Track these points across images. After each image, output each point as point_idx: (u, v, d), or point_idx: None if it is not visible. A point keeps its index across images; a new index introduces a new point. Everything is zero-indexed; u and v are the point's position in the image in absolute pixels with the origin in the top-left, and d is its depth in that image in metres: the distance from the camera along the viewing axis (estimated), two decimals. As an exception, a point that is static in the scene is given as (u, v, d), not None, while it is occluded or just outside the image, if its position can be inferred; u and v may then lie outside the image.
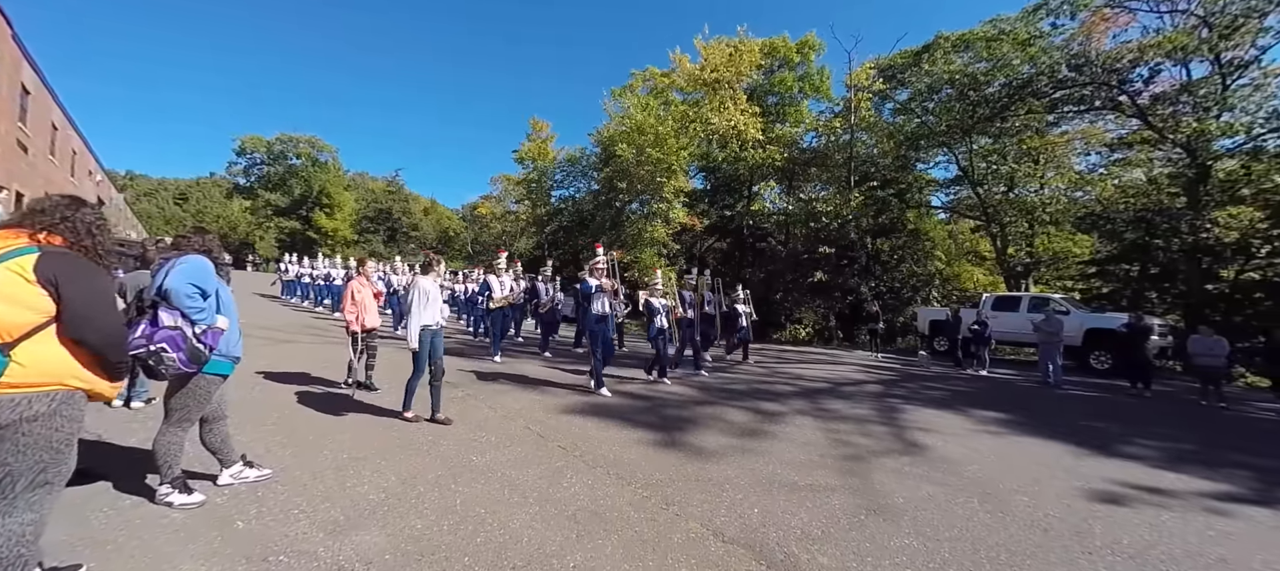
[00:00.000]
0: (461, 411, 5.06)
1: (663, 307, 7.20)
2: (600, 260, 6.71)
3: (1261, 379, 11.81)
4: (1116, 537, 3.04)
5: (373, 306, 5.60)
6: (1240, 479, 4.27)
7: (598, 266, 6.60)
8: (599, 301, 6.26)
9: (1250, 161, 15.14)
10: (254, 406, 4.73)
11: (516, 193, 36.96)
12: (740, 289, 10.69)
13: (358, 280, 5.66)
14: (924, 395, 7.75)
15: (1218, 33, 14.68)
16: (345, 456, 3.69)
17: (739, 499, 3.32)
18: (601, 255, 6.94)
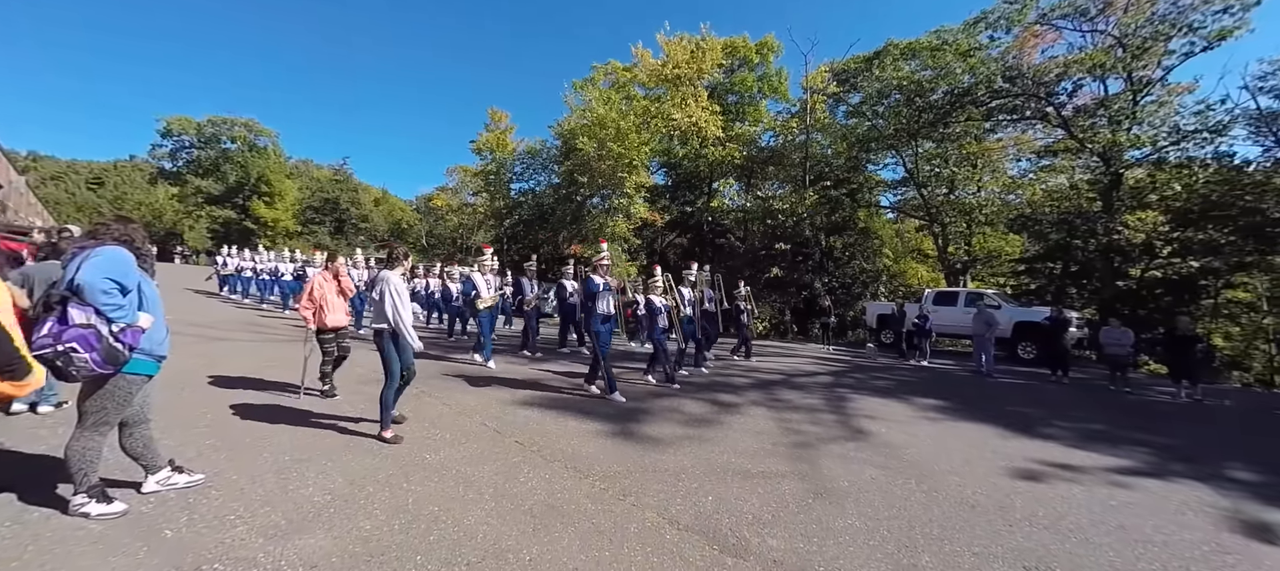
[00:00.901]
0: (415, 408, 4.92)
1: (664, 307, 6.90)
2: (605, 257, 6.28)
3: (1161, 366, 13.16)
4: (1034, 510, 3.33)
5: (338, 304, 5.14)
6: (1138, 455, 4.77)
7: (603, 263, 6.21)
8: (604, 301, 5.94)
9: (1155, 170, 16.80)
10: (183, 408, 4.42)
11: (474, 184, 35.94)
12: (742, 285, 10.71)
13: (322, 274, 5.17)
14: (871, 385, 8.17)
15: (1130, 53, 16.15)
16: (287, 459, 3.51)
17: (694, 487, 3.41)
18: (605, 252, 6.42)
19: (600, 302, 5.92)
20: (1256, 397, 10.22)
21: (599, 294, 5.93)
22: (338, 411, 4.70)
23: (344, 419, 4.48)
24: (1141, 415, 7.00)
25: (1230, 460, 4.79)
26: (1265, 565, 2.82)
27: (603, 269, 6.14)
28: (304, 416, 4.47)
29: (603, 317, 5.89)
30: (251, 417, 4.34)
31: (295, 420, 4.35)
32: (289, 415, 4.48)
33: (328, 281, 5.13)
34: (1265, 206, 14.25)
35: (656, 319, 6.68)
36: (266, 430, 4.05)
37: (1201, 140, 15.80)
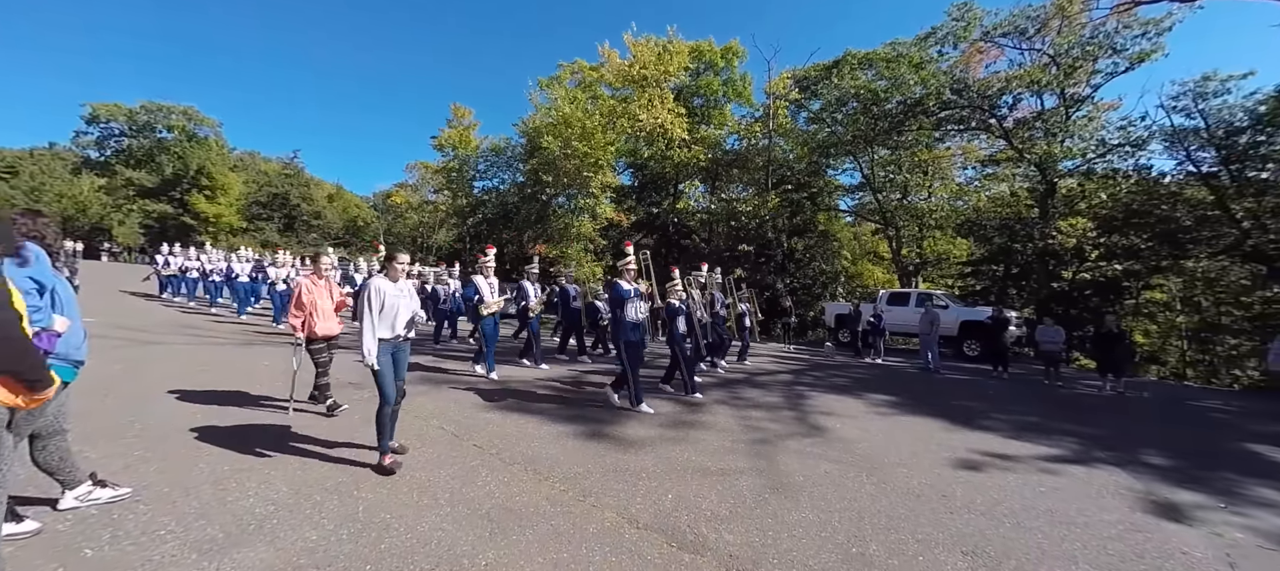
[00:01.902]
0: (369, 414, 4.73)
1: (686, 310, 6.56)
2: (631, 261, 5.92)
3: (1090, 362, 14.21)
4: (973, 498, 3.54)
5: (329, 311, 4.70)
6: (1066, 444, 5.14)
7: (629, 267, 5.83)
8: (633, 308, 5.56)
9: (1085, 180, 18.13)
10: (108, 417, 4.11)
11: (435, 181, 34.98)
12: (744, 288, 10.70)
13: (309, 279, 4.74)
14: (828, 382, 8.45)
15: (1063, 71, 17.38)
16: (226, 468, 3.32)
17: (655, 486, 3.44)
18: (631, 254, 6.09)
19: (629, 309, 5.58)
20: (1170, 389, 11.18)
21: (628, 300, 5.58)
22: (284, 418, 4.48)
23: (291, 425, 4.27)
24: (1071, 407, 7.54)
25: (1145, 447, 5.23)
26: (1172, 541, 3.09)
27: (629, 273, 5.80)
28: (246, 423, 4.24)
29: (632, 325, 5.57)
30: (187, 426, 4.07)
31: (236, 427, 4.12)
32: (229, 422, 4.23)
33: (316, 286, 4.70)
34: (1178, 215, 15.64)
35: (678, 321, 6.36)
36: (203, 438, 3.81)
37: (1124, 153, 17.21)
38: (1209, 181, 15.59)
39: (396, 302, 3.45)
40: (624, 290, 5.60)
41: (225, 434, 3.95)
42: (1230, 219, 14.64)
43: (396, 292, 3.47)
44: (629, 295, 5.60)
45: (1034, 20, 17.78)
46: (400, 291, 3.51)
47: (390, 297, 3.42)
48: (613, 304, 5.67)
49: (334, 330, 4.78)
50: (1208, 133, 15.66)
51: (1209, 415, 7.77)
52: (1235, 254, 14.92)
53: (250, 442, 3.79)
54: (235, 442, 3.77)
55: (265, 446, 3.74)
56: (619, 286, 5.66)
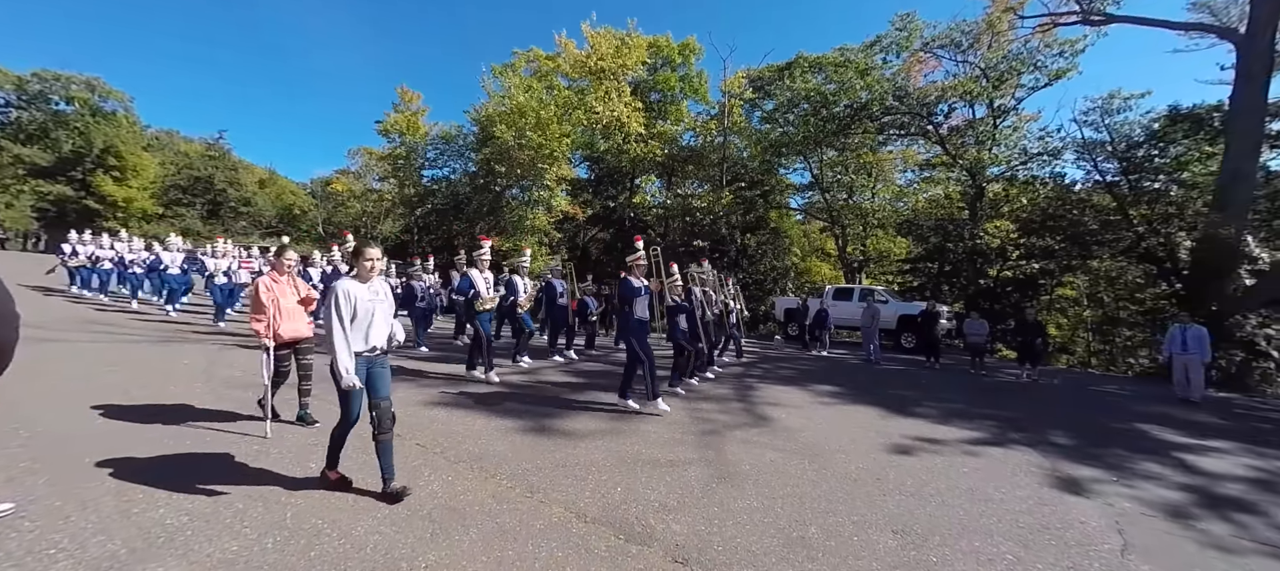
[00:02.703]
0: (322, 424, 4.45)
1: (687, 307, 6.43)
2: (641, 256, 5.77)
3: (1011, 352, 15.48)
4: (904, 481, 3.77)
5: (296, 311, 4.16)
6: (986, 428, 5.57)
7: (640, 263, 5.71)
8: (641, 304, 5.47)
9: (1008, 185, 19.68)
10: (-12, 423, 3.64)
11: (381, 169, 33.26)
12: (731, 283, 10.65)
13: (270, 274, 4.19)
14: (776, 374, 8.75)
15: (992, 83, 18.73)
16: (133, 477, 3.02)
17: (604, 479, 3.43)
18: (641, 250, 5.90)
19: (638, 306, 5.45)
20: (1077, 377, 12.38)
21: (638, 296, 5.46)
22: (205, 423, 4.13)
23: (214, 429, 3.95)
24: (992, 394, 8.19)
25: (1053, 428, 5.76)
26: (1073, 512, 3.42)
27: (640, 268, 5.72)
28: (161, 429, 3.88)
29: (640, 322, 5.45)
30: (87, 432, 3.68)
31: (148, 433, 3.76)
32: (141, 428, 3.85)
33: (278, 283, 4.12)
34: (1086, 219, 17.26)
35: (679, 318, 6.25)
36: (107, 446, 3.44)
37: (1043, 162, 18.82)
38: (1112, 189, 17.30)
39: (370, 308, 2.90)
40: (636, 286, 5.50)
41: (135, 440, 3.59)
42: (1128, 223, 16.32)
43: (369, 296, 2.91)
44: (641, 291, 5.51)
45: (968, 34, 19.03)
46: (374, 294, 2.95)
47: (362, 303, 2.85)
48: (623, 300, 5.52)
49: (303, 332, 4.16)
50: (1112, 146, 17.36)
51: (1107, 399, 8.66)
52: (1132, 255, 16.65)
53: (164, 449, 3.47)
54: (146, 450, 3.44)
55: (182, 453, 3.44)
56: (630, 283, 5.54)
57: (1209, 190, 14.94)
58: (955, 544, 2.84)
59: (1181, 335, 8.59)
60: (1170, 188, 16.82)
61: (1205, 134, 15.86)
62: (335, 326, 2.80)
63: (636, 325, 5.41)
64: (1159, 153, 16.72)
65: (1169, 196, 16.63)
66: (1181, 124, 16.17)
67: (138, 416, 4.07)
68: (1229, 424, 6.92)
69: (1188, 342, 8.46)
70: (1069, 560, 2.75)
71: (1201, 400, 8.31)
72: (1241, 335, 11.89)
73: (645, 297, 5.55)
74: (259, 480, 3.10)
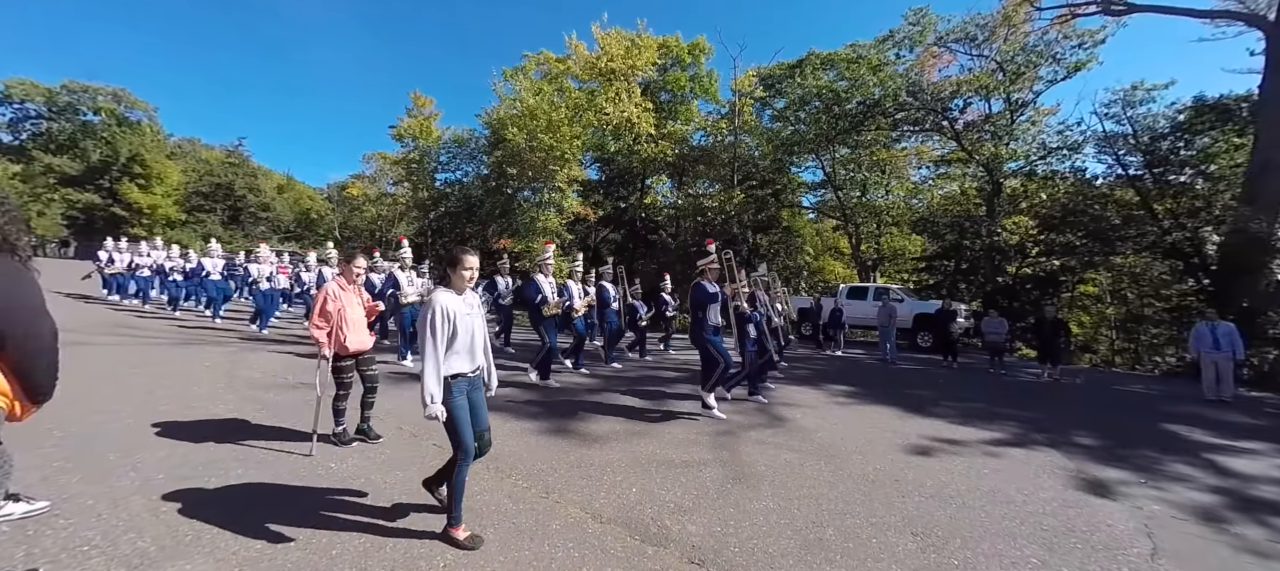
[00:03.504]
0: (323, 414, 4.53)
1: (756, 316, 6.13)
2: (713, 261, 5.47)
3: (1031, 351, 15.16)
4: (923, 482, 3.71)
5: (360, 321, 3.89)
6: (1008, 428, 5.46)
7: (712, 267, 5.43)
8: (715, 311, 5.29)
9: (1027, 181, 19.27)
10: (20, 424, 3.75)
11: (395, 173, 33.75)
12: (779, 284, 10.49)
13: (337, 282, 3.86)
14: (791, 374, 8.67)
15: (1008, 77, 18.37)
16: (161, 477, 3.10)
17: (619, 480, 3.44)
18: (713, 253, 5.60)
19: (712, 313, 5.23)
20: (1100, 376, 12.07)
21: (711, 302, 5.24)
22: (225, 422, 4.23)
23: (237, 429, 4.03)
24: (1013, 394, 8.02)
25: (1077, 429, 5.63)
26: (1099, 515, 3.34)
27: (712, 273, 5.43)
28: (183, 428, 3.97)
29: (716, 329, 5.27)
30: (117, 432, 3.78)
31: (172, 433, 3.85)
32: (164, 427, 3.95)
33: (345, 290, 3.84)
34: (1108, 214, 16.83)
35: (748, 329, 5.92)
36: (134, 444, 3.55)
37: (1062, 156, 18.38)
38: (1135, 184, 16.84)
39: (470, 324, 2.56)
40: (710, 291, 5.27)
41: (159, 440, 3.69)
42: (1153, 218, 15.88)
43: (467, 310, 2.57)
44: (716, 297, 5.30)
45: (983, 27, 18.68)
46: (470, 308, 2.62)
47: (461, 318, 2.51)
48: (696, 306, 5.28)
49: (366, 344, 3.89)
50: (1135, 138, 16.91)
51: (1132, 398, 8.43)
52: (1157, 251, 16.20)
53: (187, 449, 3.56)
54: (170, 449, 3.53)
55: (205, 453, 3.52)
56: (704, 288, 5.30)
57: (1238, 183, 14.49)
58: (977, 547, 2.79)
59: (1211, 332, 8.33)
60: (1196, 181, 16.33)
61: (1233, 125, 15.39)
62: (428, 347, 2.41)
63: (711, 332, 5.20)
64: (1184, 145, 16.25)
65: (1195, 190, 16.15)
66: (1208, 114, 15.70)
67: (162, 416, 4.17)
68: (1262, 424, 6.69)
69: (1218, 340, 8.20)
70: (1097, 564, 2.69)
71: (1233, 399, 8.05)
72: (1274, 332, 11.49)
73: (718, 304, 5.33)
74: (282, 483, 3.16)
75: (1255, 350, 11.40)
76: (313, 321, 3.72)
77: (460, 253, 2.61)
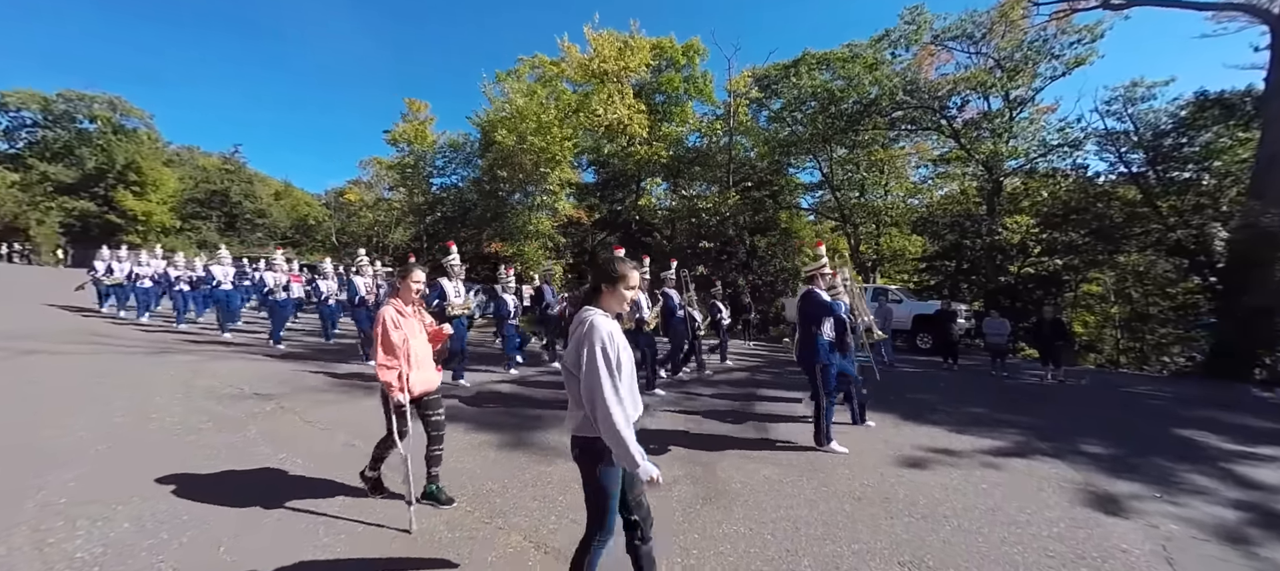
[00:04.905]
0: (269, 427, 4.21)
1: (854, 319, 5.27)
2: (825, 265, 4.61)
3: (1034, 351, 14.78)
4: (915, 499, 3.36)
5: (426, 354, 3.00)
6: (1008, 436, 5.11)
7: (824, 271, 4.55)
8: (830, 324, 4.41)
9: (1027, 179, 18.93)
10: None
11: (390, 178, 33.55)
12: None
13: (394, 305, 2.93)
14: (783, 379, 8.32)
15: (1007, 74, 18.06)
16: (62, 502, 2.78)
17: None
18: (823, 256, 4.74)
19: (825, 327, 4.33)
20: (1106, 377, 11.68)
21: (826, 316, 4.32)
22: (161, 440, 3.90)
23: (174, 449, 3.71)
24: (1014, 397, 7.66)
25: (1083, 436, 5.27)
26: (1112, 537, 2.99)
27: (824, 280, 4.52)
28: (112, 447, 3.65)
29: (831, 345, 4.39)
30: (32, 451, 3.46)
31: (96, 452, 3.53)
32: (91, 446, 3.63)
33: (408, 316, 2.94)
34: (1111, 212, 16.48)
35: (846, 338, 4.85)
36: (47, 467, 3.22)
37: (1063, 153, 18.05)
38: (1138, 181, 16.50)
39: (628, 355, 1.90)
40: (825, 300, 4.34)
41: (79, 460, 3.36)
42: (1157, 216, 15.52)
43: (625, 341, 1.93)
44: (838, 308, 4.36)
45: (980, 25, 18.39)
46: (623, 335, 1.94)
47: (626, 350, 1.87)
48: (807, 318, 4.35)
49: (433, 383, 3.00)
50: (1136, 135, 16.57)
51: (1142, 401, 8.06)
52: (1161, 248, 15.83)
53: (107, 471, 3.23)
54: (87, 471, 3.20)
55: (124, 475, 3.19)
56: (818, 295, 4.35)
57: (1244, 178, 14.12)
58: (973, 578, 2.44)
59: None
60: (1201, 177, 15.97)
61: (1237, 120, 15.03)
62: (606, 387, 1.73)
63: (823, 349, 4.29)
64: (1187, 141, 15.90)
65: (1200, 186, 15.78)
66: (1211, 110, 15.35)
67: (93, 434, 3.85)
68: (1277, 427, 6.32)
69: None
70: (1110, 598, 2.34)
71: None
72: (1286, 331, 11.11)
73: (830, 317, 4.37)
74: (192, 509, 2.83)
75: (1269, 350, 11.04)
76: (378, 361, 2.81)
77: (620, 266, 1.91)
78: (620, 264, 1.93)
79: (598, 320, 1.82)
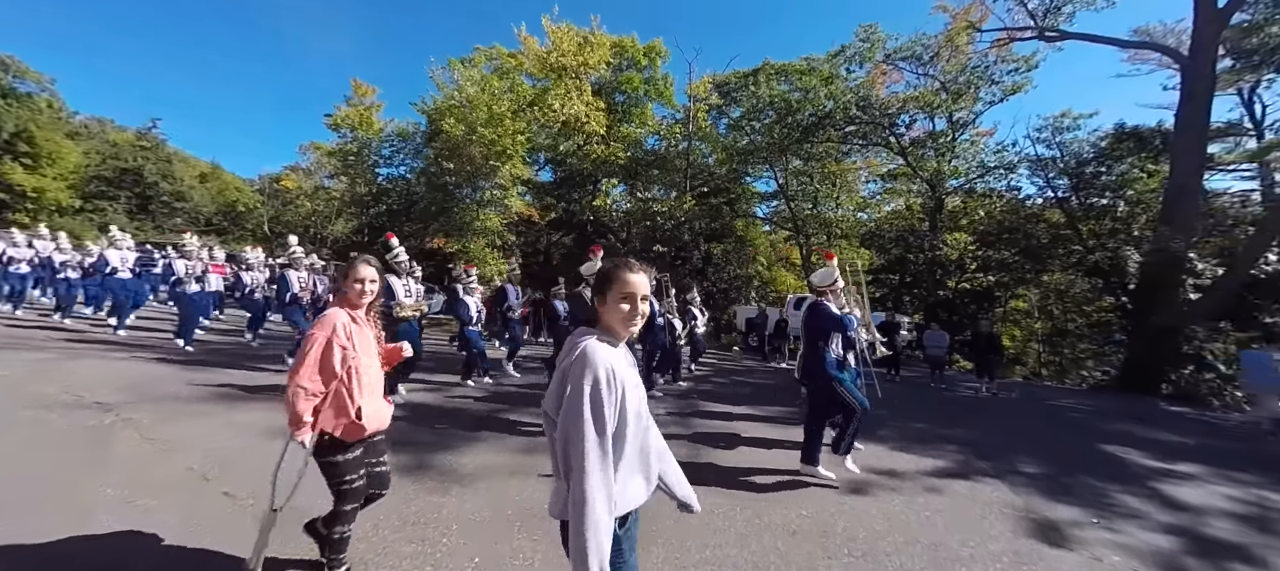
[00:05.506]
0: (92, 446, 3.40)
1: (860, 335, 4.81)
2: (837, 281, 4.23)
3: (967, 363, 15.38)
4: (855, 532, 3.04)
5: (378, 377, 2.24)
6: (950, 455, 4.96)
7: (836, 286, 4.22)
8: (838, 341, 4.09)
9: (966, 198, 19.88)
10: None
11: (331, 165, 31.37)
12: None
13: (342, 304, 2.20)
14: (728, 392, 8.05)
15: (951, 96, 18.89)
16: None
17: (461, 543, 2.56)
18: (834, 268, 4.30)
19: (833, 341, 4.02)
20: (1032, 389, 12.21)
21: (834, 329, 3.99)
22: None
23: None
24: (953, 411, 7.71)
25: (1018, 453, 5.22)
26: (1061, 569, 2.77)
27: (836, 293, 4.22)
28: None
29: (839, 361, 4.07)
30: None
31: None
32: None
33: (360, 324, 2.20)
34: (1038, 233, 17.50)
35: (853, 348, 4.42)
36: None
37: (999, 175, 19.08)
38: (1063, 205, 17.61)
39: (639, 398, 1.34)
40: (834, 312, 4.03)
41: None
42: (1078, 238, 16.58)
43: (633, 375, 1.37)
44: (850, 324, 4.06)
45: (928, 47, 19.16)
46: (631, 365, 1.39)
47: (630, 390, 1.31)
48: (815, 332, 4.04)
49: (386, 419, 2.24)
50: (1063, 162, 17.71)
51: (1066, 415, 8.33)
52: (1080, 269, 16.94)
53: None
54: None
55: None
56: (826, 307, 4.04)
57: (1153, 207, 15.30)
58: (916, 636, 2.10)
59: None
60: (1116, 204, 17.24)
61: (1149, 152, 16.32)
62: (588, 446, 1.19)
63: (830, 365, 3.96)
64: (1106, 170, 17.11)
65: (1115, 212, 17.03)
66: (1127, 142, 16.59)
67: None
68: (1189, 442, 6.61)
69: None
70: (1063, 658, 2.05)
71: None
72: (1188, 350, 12.00)
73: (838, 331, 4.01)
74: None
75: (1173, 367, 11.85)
76: (296, 378, 1.98)
77: (618, 269, 1.36)
78: (619, 267, 1.35)
79: (590, 348, 1.26)
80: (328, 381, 2.04)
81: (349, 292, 2.19)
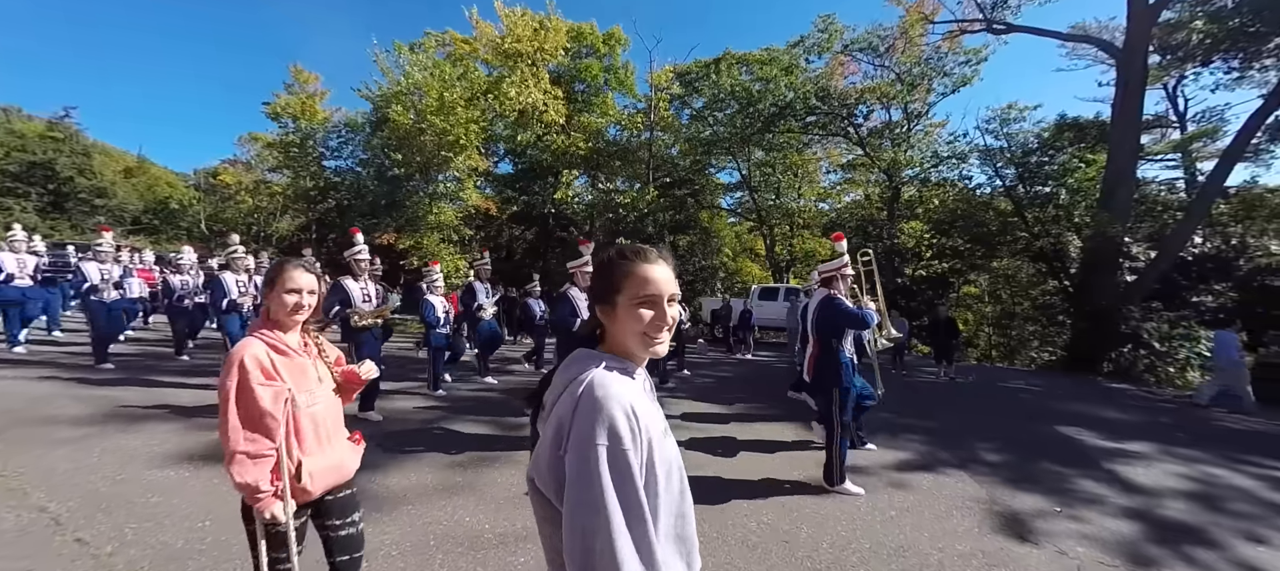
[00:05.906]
0: None
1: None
2: (846, 263, 3.83)
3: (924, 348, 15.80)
4: (819, 538, 2.82)
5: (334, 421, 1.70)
6: (913, 445, 4.88)
7: (846, 273, 3.82)
8: (852, 340, 3.80)
9: (922, 188, 20.41)
10: None
11: (273, 158, 29.39)
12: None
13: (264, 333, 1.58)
14: (692, 384, 7.83)
15: (906, 87, 19.27)
16: None
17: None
18: (844, 251, 3.91)
19: (850, 341, 3.75)
20: (985, 372, 12.61)
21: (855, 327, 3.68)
22: None
23: None
24: (914, 397, 7.75)
25: (980, 440, 5.19)
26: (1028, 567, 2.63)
27: (846, 281, 3.82)
28: None
29: (852, 364, 3.79)
30: None
31: None
32: None
33: (291, 353, 1.60)
34: (988, 221, 18.13)
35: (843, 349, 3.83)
36: None
37: (951, 165, 19.60)
38: (1010, 193, 18.29)
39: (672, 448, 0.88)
40: (851, 308, 3.64)
41: None
42: (1024, 225, 17.27)
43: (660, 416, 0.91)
44: (869, 318, 3.69)
45: (884, 39, 19.45)
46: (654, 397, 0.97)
47: (660, 438, 0.84)
48: (827, 331, 3.65)
49: (348, 470, 1.71)
50: (1010, 153, 18.38)
51: (1020, 397, 8.54)
52: (1027, 254, 17.68)
53: None
54: None
55: None
56: (841, 302, 3.65)
57: (1092, 195, 16.09)
58: (888, 667, 1.87)
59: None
60: (1058, 192, 18.06)
61: (1087, 143, 17.13)
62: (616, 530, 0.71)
63: (846, 369, 3.65)
64: (1049, 159, 17.87)
65: (1057, 200, 17.85)
66: (1067, 132, 17.37)
67: None
68: (1135, 420, 6.83)
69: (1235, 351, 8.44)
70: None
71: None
72: (1126, 329, 12.64)
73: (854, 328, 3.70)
74: None
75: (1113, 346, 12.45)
76: (230, 446, 1.44)
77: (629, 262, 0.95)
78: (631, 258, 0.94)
79: (599, 384, 0.81)
80: (268, 430, 1.46)
81: (276, 309, 1.59)
